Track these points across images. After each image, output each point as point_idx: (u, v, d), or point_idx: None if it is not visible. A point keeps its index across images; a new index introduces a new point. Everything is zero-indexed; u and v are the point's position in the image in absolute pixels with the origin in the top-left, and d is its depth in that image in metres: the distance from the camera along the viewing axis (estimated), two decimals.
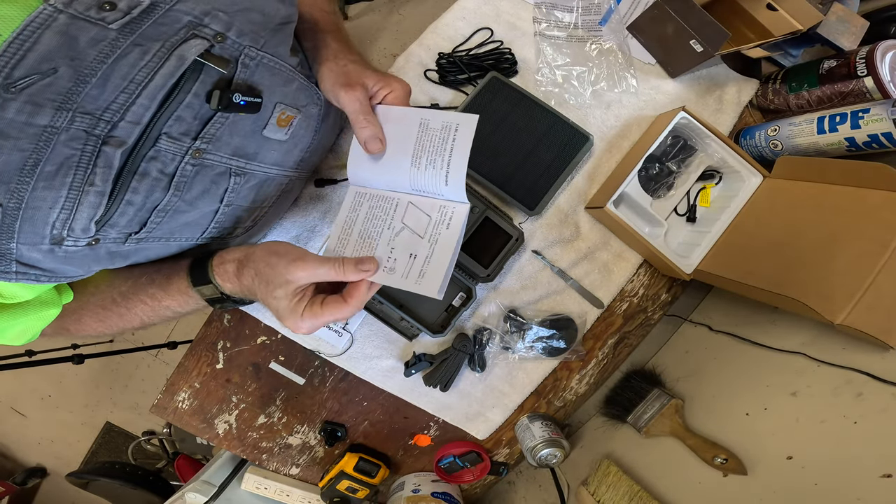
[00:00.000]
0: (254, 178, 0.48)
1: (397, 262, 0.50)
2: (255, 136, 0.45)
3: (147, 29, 0.35)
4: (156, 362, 1.79)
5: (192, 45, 0.37)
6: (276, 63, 0.44)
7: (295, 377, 0.71)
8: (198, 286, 0.47)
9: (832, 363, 0.53)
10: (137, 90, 0.35)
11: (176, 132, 0.39)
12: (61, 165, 0.33)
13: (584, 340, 0.72)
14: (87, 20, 0.32)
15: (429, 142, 0.51)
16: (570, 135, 0.67)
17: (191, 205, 0.43)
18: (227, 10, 0.39)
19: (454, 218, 0.51)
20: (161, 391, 0.70)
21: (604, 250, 0.71)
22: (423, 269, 0.49)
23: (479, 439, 0.74)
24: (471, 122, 0.50)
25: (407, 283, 0.49)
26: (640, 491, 0.60)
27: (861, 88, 0.59)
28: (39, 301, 0.44)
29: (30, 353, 1.30)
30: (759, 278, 0.56)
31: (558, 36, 0.71)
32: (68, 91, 0.32)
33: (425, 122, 0.51)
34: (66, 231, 0.36)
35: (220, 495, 0.71)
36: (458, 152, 0.50)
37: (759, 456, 0.54)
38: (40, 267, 0.38)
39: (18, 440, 1.84)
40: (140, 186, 0.38)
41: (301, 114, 0.49)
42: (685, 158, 0.69)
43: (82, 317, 0.49)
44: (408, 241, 0.50)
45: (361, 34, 1.68)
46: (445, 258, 0.49)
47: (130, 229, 0.41)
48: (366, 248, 0.51)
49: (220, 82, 0.40)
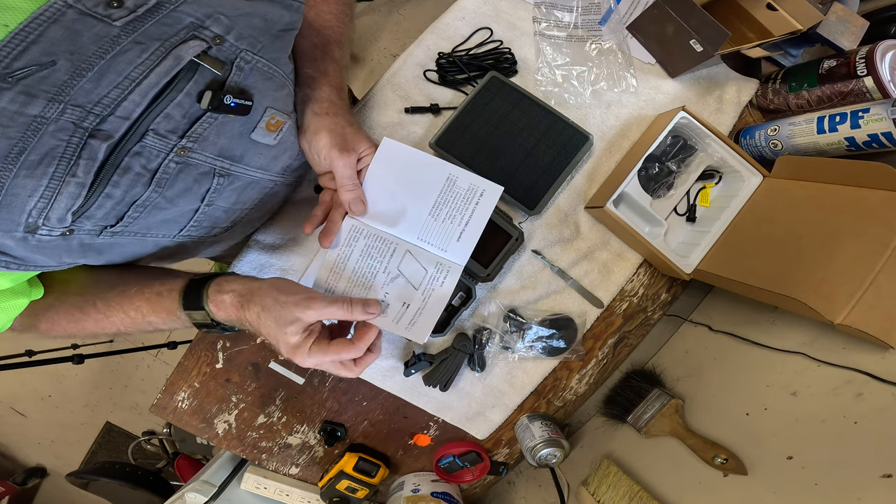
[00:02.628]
0: (238, 180, 0.48)
1: (390, 308, 0.53)
2: (243, 139, 0.46)
3: (149, 28, 0.35)
4: (156, 362, 1.79)
5: (191, 45, 0.37)
6: (270, 68, 0.44)
7: (294, 377, 0.71)
8: (189, 310, 0.47)
9: (832, 363, 0.53)
10: (131, 86, 0.35)
11: (163, 129, 0.39)
12: (45, 155, 0.34)
13: (583, 340, 0.72)
14: (94, 16, 0.33)
15: (452, 198, 0.55)
16: (570, 134, 0.67)
17: (171, 202, 0.43)
18: (229, 14, 0.39)
19: (449, 277, 0.54)
20: (161, 391, 0.70)
21: (603, 250, 0.70)
22: (415, 319, 0.53)
23: (479, 439, 0.74)
24: (496, 191, 0.54)
25: (397, 329, 0.52)
26: (640, 491, 0.60)
27: (861, 88, 0.59)
28: (11, 291, 0.44)
29: (30, 353, 1.30)
30: (759, 278, 0.56)
31: (558, 36, 0.71)
32: (63, 84, 0.33)
33: (453, 179, 0.55)
34: (41, 220, 0.36)
35: (220, 495, 0.71)
36: (477, 215, 0.54)
37: (759, 456, 0.54)
38: (11, 254, 0.38)
39: (18, 440, 1.84)
40: (121, 180, 0.39)
41: (291, 120, 0.49)
42: (685, 158, 0.69)
43: (56, 316, 0.49)
44: (402, 289, 0.53)
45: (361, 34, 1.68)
46: (436, 311, 0.53)
47: (107, 222, 0.41)
48: (359, 286, 0.54)
49: (212, 83, 0.40)
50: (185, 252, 0.58)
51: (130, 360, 1.78)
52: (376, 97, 0.70)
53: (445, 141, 0.66)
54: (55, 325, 0.50)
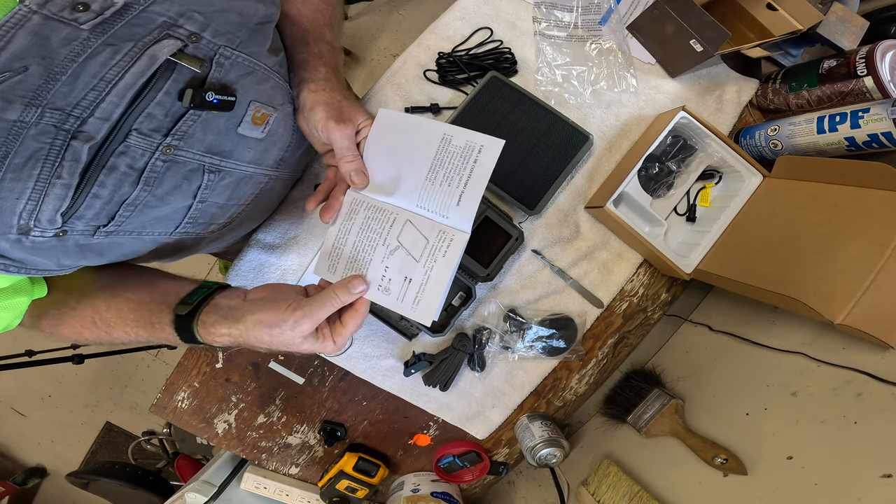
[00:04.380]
0: (230, 175, 0.48)
1: (392, 283, 0.49)
2: (230, 134, 0.46)
3: (119, 29, 0.35)
4: (156, 362, 1.79)
5: (165, 45, 0.37)
6: (251, 62, 0.44)
7: (294, 377, 0.71)
8: (189, 343, 0.47)
9: (832, 363, 0.53)
10: (107, 88, 0.36)
11: (146, 128, 0.39)
12: (29, 158, 0.34)
13: (583, 340, 0.72)
14: (60, 20, 0.33)
15: (448, 158, 0.50)
16: (570, 134, 0.67)
17: (161, 200, 0.43)
18: (203, 11, 0.39)
19: (452, 246, 0.49)
20: (161, 391, 0.70)
21: (603, 250, 0.70)
22: (419, 296, 0.49)
23: (479, 439, 0.74)
24: (496, 146, 0.48)
25: (402, 308, 0.49)
26: (640, 491, 0.60)
27: (861, 88, 0.59)
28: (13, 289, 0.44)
29: (30, 353, 1.30)
30: (759, 278, 0.56)
31: (558, 35, 0.71)
32: (38, 88, 0.33)
33: (448, 138, 0.50)
34: (32, 221, 0.36)
35: (219, 495, 0.71)
36: (477, 174, 0.49)
37: (759, 456, 0.54)
38: (8, 256, 0.38)
39: (18, 440, 1.84)
40: (108, 180, 0.39)
41: (278, 112, 0.49)
42: (685, 158, 0.69)
43: (59, 324, 0.50)
44: (402, 261, 0.50)
45: (361, 34, 1.68)
46: (440, 287, 0.48)
47: (98, 222, 0.41)
48: (359, 262, 0.51)
49: (193, 81, 0.40)
50: (185, 249, 0.58)
51: (130, 360, 1.78)
52: (376, 97, 0.70)
53: None
54: (58, 330, 0.50)
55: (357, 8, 1.68)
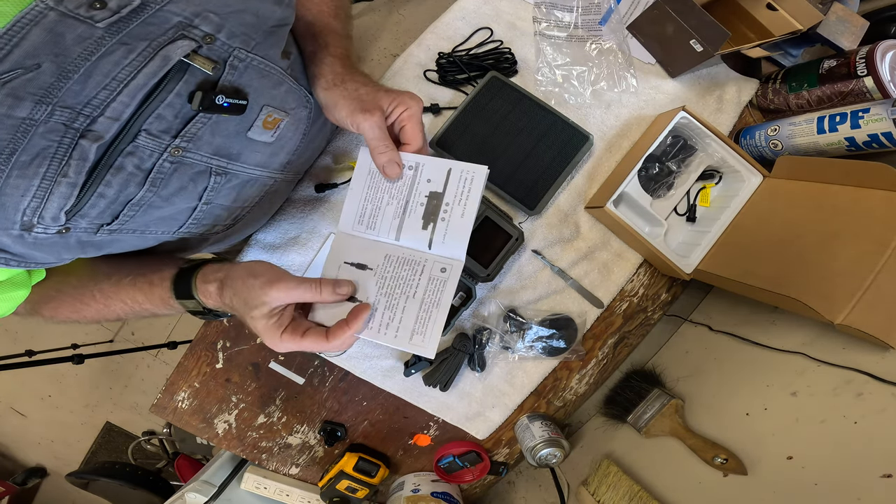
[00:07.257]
0: (236, 178, 0.48)
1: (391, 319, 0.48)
2: (240, 137, 0.45)
3: (135, 28, 0.35)
4: (156, 362, 1.79)
5: (179, 45, 0.37)
6: (265, 65, 0.44)
7: (294, 377, 0.71)
8: (181, 299, 0.47)
9: (832, 363, 0.53)
10: (119, 87, 0.35)
11: (156, 129, 0.39)
12: (36, 156, 0.34)
13: (583, 340, 0.72)
14: (76, 18, 0.33)
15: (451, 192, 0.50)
16: (570, 134, 0.67)
17: (167, 201, 0.43)
18: (218, 12, 0.38)
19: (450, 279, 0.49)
20: (161, 391, 0.70)
21: (604, 250, 0.70)
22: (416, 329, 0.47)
23: (479, 439, 0.74)
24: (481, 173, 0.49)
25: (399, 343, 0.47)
26: (640, 491, 0.60)
27: (861, 88, 0.59)
28: (11, 282, 0.44)
29: (30, 353, 1.30)
30: (759, 278, 0.56)
31: (558, 36, 0.71)
32: (50, 86, 0.33)
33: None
34: (36, 218, 0.36)
35: (220, 495, 0.70)
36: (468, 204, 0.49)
37: (759, 456, 0.54)
38: (10, 251, 0.38)
39: (18, 440, 1.84)
40: (114, 180, 0.39)
41: (289, 116, 0.49)
42: (685, 158, 0.69)
43: (59, 306, 0.50)
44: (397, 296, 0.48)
45: (361, 34, 1.68)
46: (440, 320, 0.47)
47: (102, 220, 0.41)
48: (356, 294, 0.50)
49: (204, 83, 0.40)
50: (187, 248, 0.58)
51: (130, 360, 1.78)
52: None
53: (445, 141, 0.66)
54: (58, 313, 0.50)
55: (357, 8, 1.67)
